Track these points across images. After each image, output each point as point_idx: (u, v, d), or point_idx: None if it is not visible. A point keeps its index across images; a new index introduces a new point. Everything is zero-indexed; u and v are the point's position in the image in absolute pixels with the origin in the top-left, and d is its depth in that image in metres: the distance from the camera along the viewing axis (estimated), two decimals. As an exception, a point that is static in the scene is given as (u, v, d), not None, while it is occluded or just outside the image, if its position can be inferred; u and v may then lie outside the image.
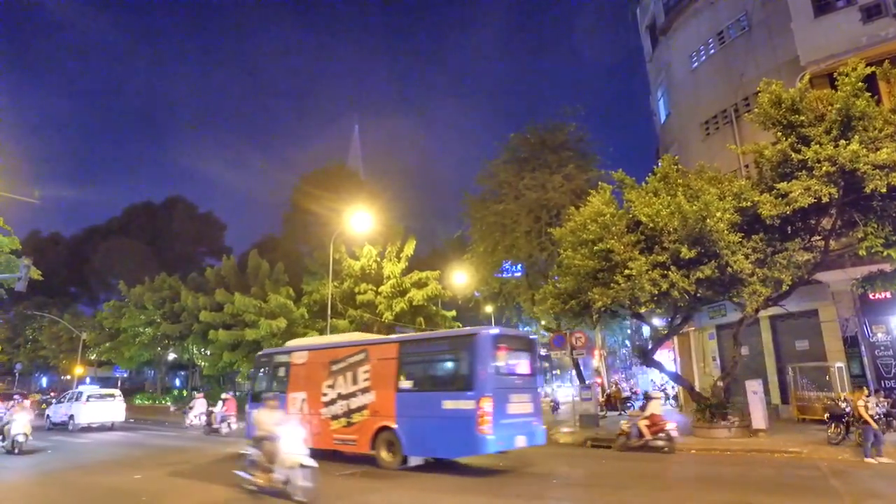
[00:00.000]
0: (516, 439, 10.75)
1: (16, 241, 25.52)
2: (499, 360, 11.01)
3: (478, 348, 10.80)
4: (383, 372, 12.05)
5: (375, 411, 11.91)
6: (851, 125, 12.09)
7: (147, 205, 57.43)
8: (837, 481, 9.01)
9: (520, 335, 14.08)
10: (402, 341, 12.88)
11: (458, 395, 10.64)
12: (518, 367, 11.83)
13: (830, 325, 17.28)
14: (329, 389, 13.03)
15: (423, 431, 11.03)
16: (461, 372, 11.17)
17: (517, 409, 11.06)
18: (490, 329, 11.51)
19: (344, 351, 13.18)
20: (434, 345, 12.87)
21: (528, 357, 12.18)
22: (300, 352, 14.54)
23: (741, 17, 21.35)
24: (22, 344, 48.50)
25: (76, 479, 10.96)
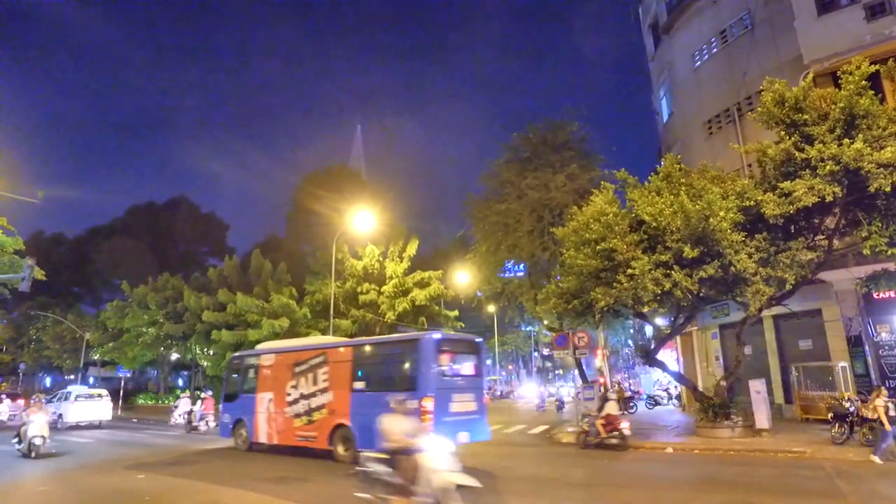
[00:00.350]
0: (459, 435, 11.25)
1: (19, 241, 25.61)
2: (442, 363, 11.99)
3: (421, 352, 11.78)
4: (340, 374, 13.06)
5: (333, 410, 12.85)
6: (855, 124, 12.04)
7: (150, 205, 57.51)
8: (842, 481, 8.98)
9: (465, 339, 14.97)
10: (355, 345, 13.93)
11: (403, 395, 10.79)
12: (462, 369, 12.86)
13: (834, 325, 17.22)
14: (293, 390, 13.99)
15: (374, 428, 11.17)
16: (406, 373, 12.14)
17: (460, 407, 11.99)
18: (433, 334, 12.41)
19: (306, 354, 14.19)
20: (383, 349, 13.84)
21: (473, 360, 13.14)
22: (268, 355, 15.50)
23: (744, 15, 21.30)
24: (25, 344, 48.60)
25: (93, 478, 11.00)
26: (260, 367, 15.49)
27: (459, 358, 12.98)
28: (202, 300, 32.01)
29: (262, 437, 14.61)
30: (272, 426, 14.36)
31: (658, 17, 26.79)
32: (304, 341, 17.98)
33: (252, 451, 14.74)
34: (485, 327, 53.22)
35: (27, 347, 48.30)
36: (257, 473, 10.94)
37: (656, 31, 27.32)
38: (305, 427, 13.46)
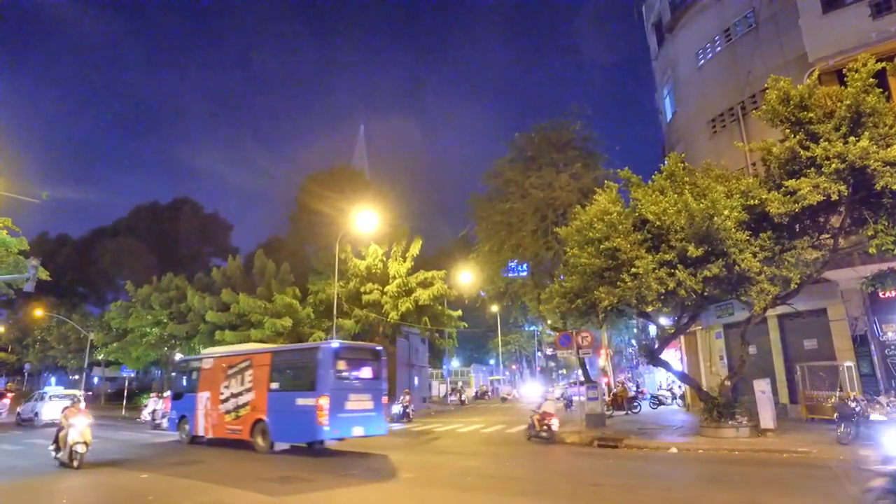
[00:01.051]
0: (353, 429, 13.77)
1: (24, 242, 25.73)
2: (339, 368, 13.98)
3: (320, 358, 13.84)
4: (260, 376, 15.12)
5: (254, 407, 14.95)
6: (861, 121, 11.97)
7: (153, 205, 57.70)
8: (848, 481, 8.91)
9: (365, 347, 16.89)
10: (273, 352, 16.31)
11: (306, 394, 13.73)
12: (361, 373, 14.73)
13: (839, 324, 17.12)
14: (225, 390, 16.06)
15: (284, 422, 14.20)
16: (309, 376, 13.98)
17: (356, 405, 14.01)
18: (332, 343, 14.76)
19: (236, 359, 16.24)
20: (293, 355, 16.19)
21: (371, 365, 15.00)
22: (207, 359, 17.56)
23: (748, 13, 21.20)
24: (31, 344, 48.84)
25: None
26: (200, 369, 17.44)
27: (358, 363, 14.84)
28: (206, 300, 32.07)
29: (201, 430, 16.57)
30: (208, 421, 16.38)
31: (661, 16, 26.70)
32: (235, 348, 19.93)
33: (194, 443, 16.71)
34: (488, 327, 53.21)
35: (32, 347, 48.54)
36: (259, 473, 10.95)
37: (660, 30, 27.23)
38: (233, 422, 15.50)
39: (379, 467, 11.68)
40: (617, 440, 14.70)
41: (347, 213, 29.23)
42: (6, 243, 24.49)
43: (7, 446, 17.01)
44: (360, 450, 14.76)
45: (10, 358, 50.64)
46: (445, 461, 12.71)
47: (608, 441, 14.84)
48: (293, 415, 13.87)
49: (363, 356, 15.37)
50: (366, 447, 15.50)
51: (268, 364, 15.28)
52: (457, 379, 60.64)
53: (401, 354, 37.49)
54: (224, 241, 57.34)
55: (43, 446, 16.56)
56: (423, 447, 15.59)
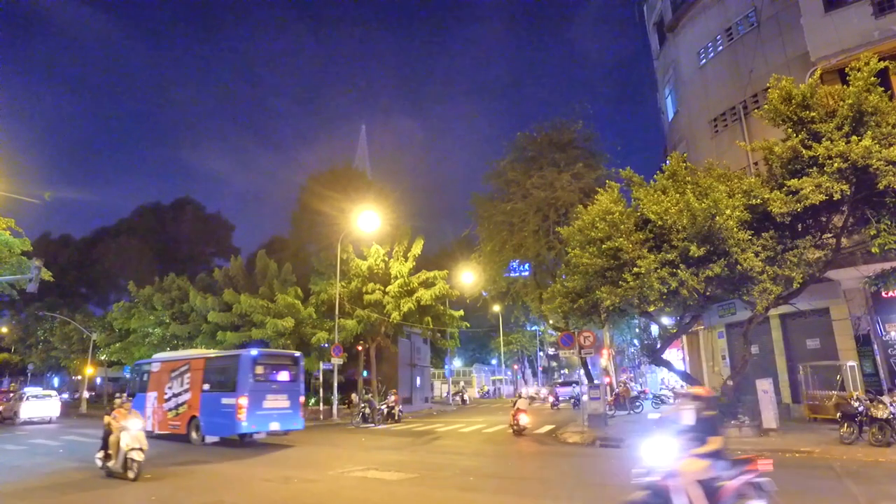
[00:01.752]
0: (270, 424, 16.04)
1: (27, 242, 25.80)
2: (257, 372, 16.14)
3: (240, 364, 16.08)
4: (196, 379, 17.38)
5: (190, 405, 17.23)
6: (864, 120, 11.94)
7: (155, 206, 57.83)
8: (851, 481, 8.90)
9: (283, 354, 19.30)
10: (206, 357, 18.30)
11: (229, 394, 15.90)
12: (278, 376, 16.89)
13: (842, 324, 17.08)
14: (168, 391, 18.29)
15: (212, 419, 16.42)
16: (231, 379, 16.14)
17: (273, 404, 16.18)
18: (251, 351, 16.88)
19: (178, 363, 18.51)
20: (221, 360, 17.82)
21: (289, 370, 17.24)
22: (156, 363, 19.86)
23: (750, 12, 21.16)
24: (34, 345, 48.93)
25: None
26: (151, 372, 19.57)
27: (276, 368, 17.00)
28: (208, 300, 32.11)
29: (149, 426, 17.86)
30: (155, 418, 18.48)
31: (663, 16, 26.67)
32: (178, 354, 22.24)
33: None
34: (490, 327, 53.20)
35: (35, 348, 48.62)
36: (262, 474, 10.96)
37: (661, 30, 27.20)
38: (174, 418, 17.74)
39: (381, 466, 11.68)
40: (619, 440, 14.68)
41: (349, 213, 29.26)
42: (9, 244, 24.56)
43: (10, 446, 17.03)
44: (363, 451, 14.78)
45: (13, 358, 50.74)
46: (447, 461, 12.72)
47: (610, 441, 14.83)
48: (220, 412, 16.05)
49: (281, 362, 17.63)
50: (368, 448, 15.54)
51: (201, 368, 17.54)
52: (459, 379, 60.63)
53: (403, 354, 37.52)
54: (226, 242, 57.43)
55: (47, 446, 16.66)
56: (425, 447, 15.61)
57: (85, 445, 17.04)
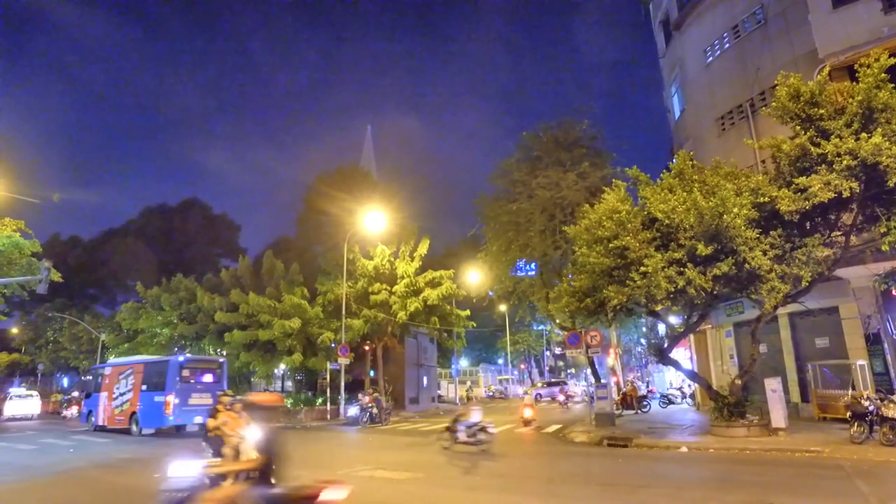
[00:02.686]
0: (195, 419, 19.15)
1: (37, 244, 26.03)
2: (184, 375, 19.76)
3: (169, 368, 19.79)
4: (137, 380, 20.86)
5: (132, 403, 20.66)
6: (873, 118, 11.84)
7: (163, 207, 58.08)
8: (862, 481, 8.83)
9: (206, 359, 23.73)
10: (144, 363, 22.00)
11: (160, 393, 19.44)
12: (203, 378, 20.51)
13: (852, 322, 16.95)
14: (116, 391, 21.57)
15: (148, 413, 19.91)
16: (162, 380, 19.68)
17: (198, 401, 19.50)
18: (179, 357, 21.33)
19: (124, 368, 22.02)
20: (155, 366, 21.17)
21: (213, 372, 21.01)
22: (108, 367, 23.31)
23: (757, 10, 21.03)
24: (43, 345, 49.32)
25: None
26: (103, 375, 22.79)
27: (201, 371, 20.74)
28: (215, 301, 32.24)
29: (100, 421, 22.00)
30: (105, 414, 21.90)
31: (669, 14, 26.56)
32: (124, 359, 25.79)
33: (96, 431, 21.84)
34: (496, 326, 53.16)
35: (45, 349, 49.00)
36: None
37: (667, 28, 27.08)
38: (119, 414, 21.13)
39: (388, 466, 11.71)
40: (627, 439, 14.64)
41: (355, 213, 29.30)
42: (19, 245, 24.79)
43: (24, 445, 17.19)
44: (370, 450, 14.79)
45: (23, 359, 51.16)
46: (453, 460, 12.71)
47: (618, 440, 14.78)
48: (153, 408, 19.60)
49: (206, 366, 21.48)
50: (375, 447, 15.57)
51: (142, 372, 21.04)
52: (465, 379, 60.61)
53: (409, 354, 37.54)
54: (233, 242, 57.64)
55: (55, 445, 16.79)
56: (432, 447, 15.61)
57: (95, 445, 17.20)
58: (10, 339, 52.51)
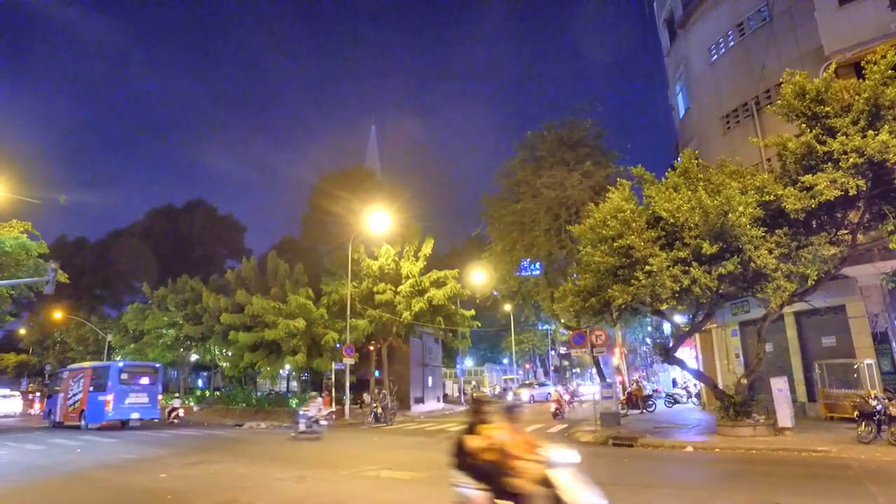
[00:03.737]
0: (132, 415, 23.26)
1: (43, 245, 26.20)
2: (122, 378, 23.38)
3: (110, 372, 23.44)
4: (87, 382, 24.19)
5: (82, 402, 23.90)
6: (880, 115, 11.76)
7: (168, 208, 58.34)
8: (870, 481, 8.77)
9: (143, 365, 26.90)
10: (92, 367, 25.30)
11: (102, 393, 22.94)
12: (140, 381, 24.24)
13: (859, 321, 16.84)
14: (70, 391, 24.96)
15: (93, 411, 23.13)
16: (104, 383, 23.18)
17: (134, 400, 23.43)
18: (118, 363, 25.42)
19: (78, 372, 25.50)
20: (100, 370, 24.44)
21: (150, 376, 24.76)
22: (66, 371, 26.95)
23: (762, 7, 20.93)
24: (51, 346, 49.66)
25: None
26: (62, 378, 26.40)
27: (138, 375, 24.38)
28: (220, 301, 32.38)
29: (58, 418, 25.17)
30: (62, 412, 25.04)
31: (673, 12, 26.46)
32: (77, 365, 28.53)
33: (54, 427, 24.91)
34: (501, 326, 53.09)
35: (52, 349, 49.35)
36: (276, 474, 11.04)
37: (671, 26, 26.99)
38: (72, 412, 24.18)
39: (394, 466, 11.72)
40: (632, 439, 14.60)
41: (360, 213, 29.34)
42: (27, 247, 24.96)
43: (32, 445, 17.31)
44: (375, 450, 14.79)
45: (31, 359, 51.52)
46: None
47: (623, 440, 14.74)
48: (97, 406, 22.95)
49: (142, 371, 24.97)
50: (380, 447, 15.57)
51: (90, 375, 24.31)
52: (470, 378, 60.58)
53: (414, 354, 37.53)
54: (238, 243, 57.85)
55: (62, 446, 16.88)
56: (436, 447, 15.60)
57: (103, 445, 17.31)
58: (18, 340, 52.93)
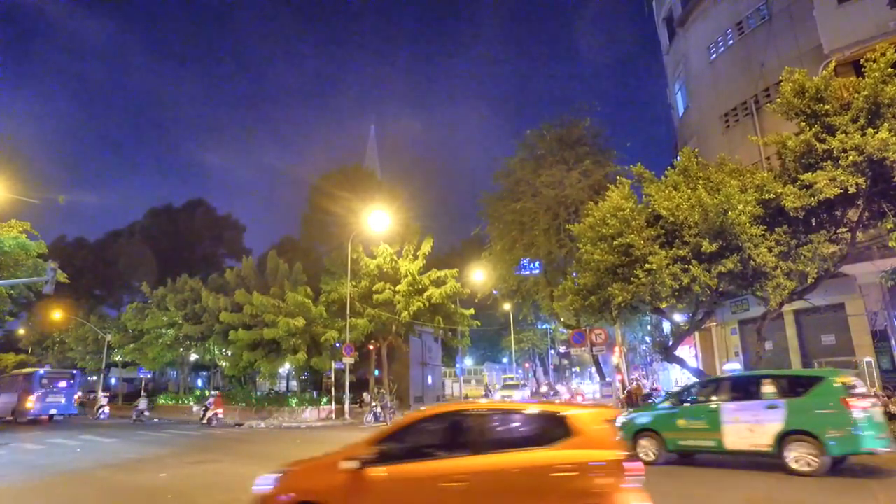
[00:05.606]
0: (50, 411, 28.51)
1: (42, 245, 26.16)
2: (42, 383, 28.55)
3: (32, 379, 28.76)
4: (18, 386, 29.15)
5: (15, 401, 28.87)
6: (880, 112, 11.76)
7: (168, 208, 58.26)
8: (871, 479, 8.78)
9: (62, 372, 31.92)
10: (24, 374, 30.32)
11: (28, 395, 27.96)
12: (59, 384, 29.37)
13: (858, 319, 16.85)
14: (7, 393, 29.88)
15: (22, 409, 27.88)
16: (30, 386, 28.30)
17: (53, 400, 28.61)
18: (39, 370, 30.35)
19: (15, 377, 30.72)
20: (27, 376, 29.39)
21: (67, 380, 30.14)
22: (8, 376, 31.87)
23: (761, 6, 20.93)
24: (50, 346, 49.61)
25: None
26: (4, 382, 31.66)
27: (58, 379, 29.74)
28: (220, 301, 32.35)
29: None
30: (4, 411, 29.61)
31: (672, 10, 26.47)
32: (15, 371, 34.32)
33: None
34: (501, 325, 53.11)
35: (52, 349, 49.29)
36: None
37: (671, 25, 26.99)
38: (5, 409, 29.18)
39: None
40: (632, 438, 14.58)
41: (359, 212, 29.33)
42: (26, 247, 24.92)
43: (31, 445, 17.30)
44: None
45: (30, 359, 51.46)
46: (460, 459, 12.67)
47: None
48: (24, 405, 27.92)
49: (61, 376, 30.44)
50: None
51: (21, 379, 29.65)
52: (470, 378, 60.59)
53: (414, 353, 37.56)
54: (237, 243, 57.78)
55: (62, 445, 16.88)
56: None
57: (103, 445, 17.30)
58: (17, 340, 52.87)
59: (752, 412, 9.45)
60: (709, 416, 9.97)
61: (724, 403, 9.93)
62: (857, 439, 8.41)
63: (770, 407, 9.24)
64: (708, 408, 10.09)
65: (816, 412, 8.84)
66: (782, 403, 9.17)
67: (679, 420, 10.47)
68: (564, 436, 4.66)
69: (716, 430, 9.79)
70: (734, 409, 9.71)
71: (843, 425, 8.50)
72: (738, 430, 9.51)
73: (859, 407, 8.54)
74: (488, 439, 4.98)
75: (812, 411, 8.89)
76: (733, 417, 9.65)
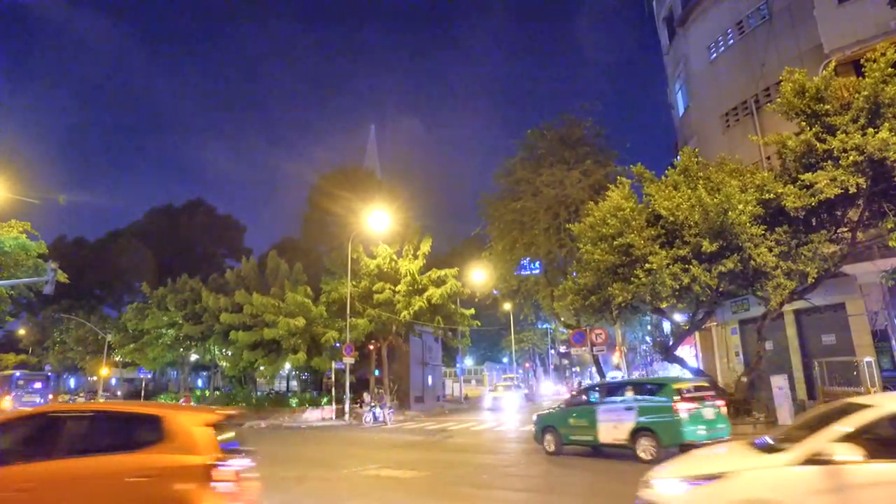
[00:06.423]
0: None
1: (43, 245, 26.14)
2: (19, 384, 31.07)
3: (11, 380, 31.47)
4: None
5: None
6: (880, 112, 11.76)
7: (168, 208, 58.29)
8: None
9: (36, 374, 35.17)
10: (2, 377, 32.22)
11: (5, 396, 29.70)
12: (35, 385, 31.53)
13: (859, 319, 16.83)
14: None
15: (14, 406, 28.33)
16: (7, 386, 30.49)
17: (29, 398, 29.38)
18: (16, 372, 33.52)
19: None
20: (4, 378, 31.65)
21: (42, 381, 32.53)
22: None
23: (761, 5, 20.91)
24: (51, 346, 49.65)
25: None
26: None
27: (33, 380, 32.28)
28: (220, 301, 32.34)
29: None
30: None
31: (673, 10, 26.45)
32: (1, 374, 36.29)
33: None
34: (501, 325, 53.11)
35: (52, 350, 49.32)
36: (276, 473, 11.04)
37: (671, 25, 26.98)
38: None
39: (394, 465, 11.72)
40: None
41: (359, 213, 29.32)
42: (26, 247, 24.91)
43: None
44: (376, 450, 14.79)
45: (30, 360, 51.51)
46: (460, 459, 12.75)
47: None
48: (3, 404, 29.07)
49: (36, 377, 33.16)
50: (381, 446, 15.55)
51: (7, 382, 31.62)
52: (470, 377, 60.61)
53: (414, 353, 37.54)
54: (237, 243, 57.79)
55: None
56: (439, 445, 15.65)
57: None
58: (17, 340, 52.92)
59: (616, 413, 11.35)
60: (589, 415, 11.80)
61: (599, 405, 11.81)
62: (681, 434, 10.25)
63: (628, 408, 11.16)
64: (589, 409, 11.94)
65: (655, 412, 10.68)
66: (635, 406, 11.04)
67: (570, 419, 12.36)
68: (158, 440, 4.57)
69: (593, 427, 11.63)
70: (605, 409, 11.62)
71: (672, 423, 10.36)
72: (608, 427, 11.38)
73: (684, 409, 10.36)
74: (77, 444, 4.73)
75: (653, 412, 10.72)
76: (605, 417, 11.51)
